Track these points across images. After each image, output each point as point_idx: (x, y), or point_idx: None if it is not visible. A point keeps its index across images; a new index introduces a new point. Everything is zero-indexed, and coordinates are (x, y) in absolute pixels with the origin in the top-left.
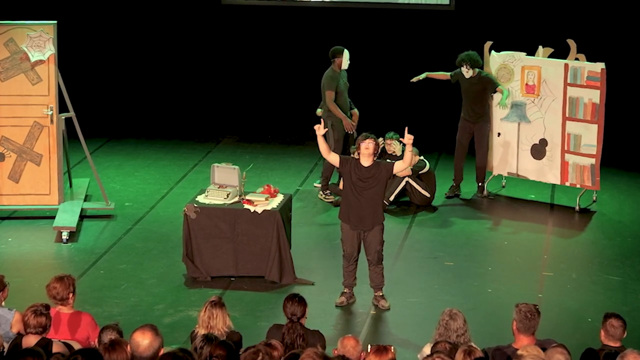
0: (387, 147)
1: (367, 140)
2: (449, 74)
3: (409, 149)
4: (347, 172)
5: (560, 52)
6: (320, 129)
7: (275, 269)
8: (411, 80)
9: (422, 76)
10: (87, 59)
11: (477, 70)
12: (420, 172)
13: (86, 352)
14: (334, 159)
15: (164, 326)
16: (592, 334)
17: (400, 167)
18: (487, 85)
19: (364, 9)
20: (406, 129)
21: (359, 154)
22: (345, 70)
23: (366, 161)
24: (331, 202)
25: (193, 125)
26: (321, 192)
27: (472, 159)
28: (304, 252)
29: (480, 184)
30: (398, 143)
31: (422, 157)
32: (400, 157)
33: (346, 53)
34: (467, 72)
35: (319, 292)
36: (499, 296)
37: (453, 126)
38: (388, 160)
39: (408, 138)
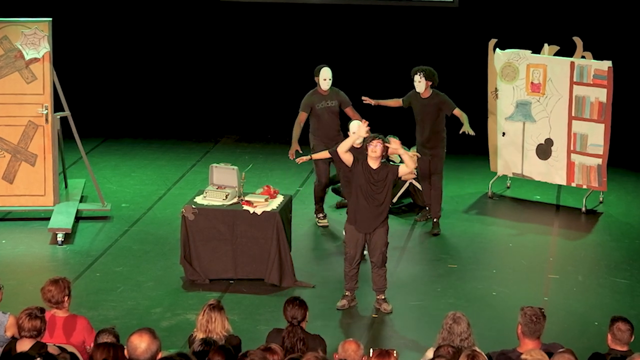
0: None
1: (375, 142)
2: (400, 99)
3: (400, 152)
4: (357, 173)
5: (567, 50)
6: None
7: (275, 271)
8: (366, 102)
9: (374, 102)
10: (83, 57)
11: (431, 89)
12: None
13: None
14: (348, 157)
15: (162, 330)
16: (599, 337)
17: (404, 171)
18: (442, 106)
19: (365, 6)
20: (389, 137)
21: (367, 155)
22: (335, 91)
23: (374, 163)
24: (325, 226)
25: (191, 124)
26: (316, 216)
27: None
28: (304, 255)
29: (435, 220)
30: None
31: None
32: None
33: (323, 72)
34: (419, 83)
35: (319, 295)
36: (504, 299)
37: (456, 125)
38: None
39: (393, 143)
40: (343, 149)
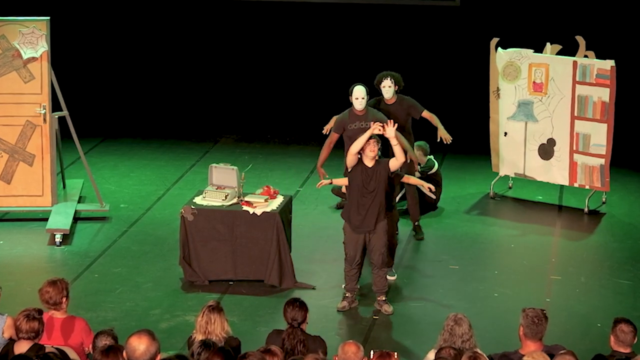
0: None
1: (372, 141)
2: None
3: (393, 143)
4: (355, 173)
5: (569, 49)
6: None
7: (275, 272)
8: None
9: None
10: (81, 56)
11: (396, 95)
12: (429, 173)
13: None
14: (354, 160)
15: (161, 331)
16: (602, 339)
17: (395, 165)
18: (411, 110)
19: (367, 5)
20: (390, 122)
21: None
22: (373, 112)
23: (370, 162)
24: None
25: (190, 124)
26: None
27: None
28: (304, 255)
29: (416, 223)
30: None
31: (431, 156)
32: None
33: (355, 91)
34: (389, 89)
35: (320, 297)
36: (506, 300)
37: (458, 125)
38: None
39: (389, 131)
40: (355, 149)
